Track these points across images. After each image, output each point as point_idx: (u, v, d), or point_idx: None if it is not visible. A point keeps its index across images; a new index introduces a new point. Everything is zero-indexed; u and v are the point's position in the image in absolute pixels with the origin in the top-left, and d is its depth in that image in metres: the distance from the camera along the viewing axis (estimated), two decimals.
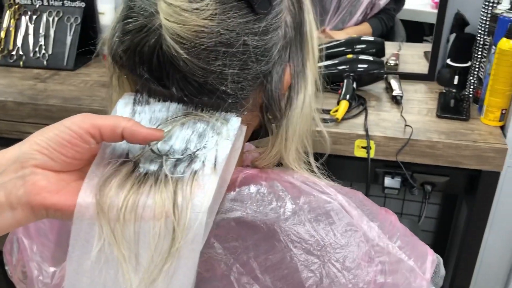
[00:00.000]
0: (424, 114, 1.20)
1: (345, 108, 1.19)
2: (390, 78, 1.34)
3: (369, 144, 1.12)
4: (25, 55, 1.45)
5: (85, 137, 0.42)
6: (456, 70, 1.26)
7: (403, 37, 1.92)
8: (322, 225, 0.52)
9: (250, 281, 0.52)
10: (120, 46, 0.47)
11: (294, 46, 0.52)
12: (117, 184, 0.43)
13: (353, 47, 1.44)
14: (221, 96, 0.47)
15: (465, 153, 1.07)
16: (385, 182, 1.19)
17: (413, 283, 0.56)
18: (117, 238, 0.42)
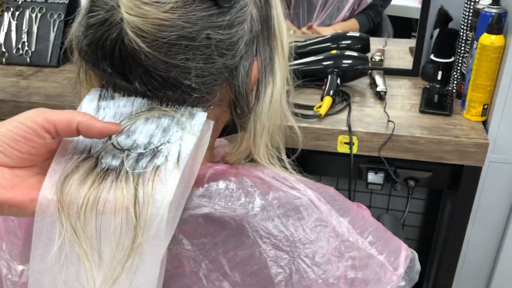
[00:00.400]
0: (407, 109, 1.20)
1: (328, 104, 1.19)
2: (374, 73, 1.34)
3: (351, 140, 1.12)
4: (7, 52, 1.44)
5: (40, 132, 0.42)
6: (439, 66, 1.26)
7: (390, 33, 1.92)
8: (291, 220, 0.52)
9: (219, 277, 0.52)
10: (84, 40, 0.47)
11: (261, 40, 0.52)
12: (78, 181, 0.43)
13: (338, 43, 1.44)
14: (185, 91, 0.46)
15: (447, 148, 1.08)
16: (369, 178, 1.19)
17: (383, 278, 0.56)
18: (78, 235, 0.42)
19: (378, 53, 1.46)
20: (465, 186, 1.12)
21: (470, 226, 1.24)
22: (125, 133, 0.46)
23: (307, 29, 1.93)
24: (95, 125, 0.43)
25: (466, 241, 1.27)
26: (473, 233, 1.26)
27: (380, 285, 0.56)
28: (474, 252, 1.29)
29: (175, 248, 0.51)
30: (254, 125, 0.54)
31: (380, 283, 0.56)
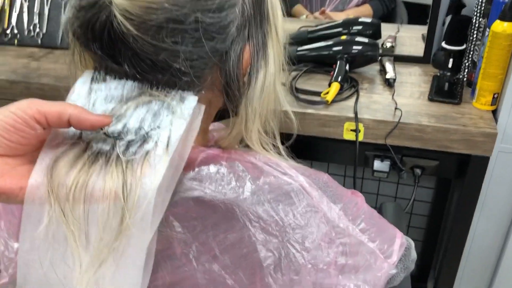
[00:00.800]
0: (416, 97, 1.19)
1: (336, 90, 1.18)
2: (384, 60, 1.32)
3: (357, 127, 1.11)
4: (19, 34, 1.45)
5: (30, 123, 0.42)
6: (450, 53, 1.24)
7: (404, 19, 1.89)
8: (281, 205, 0.52)
9: (209, 259, 0.52)
10: (75, 22, 0.47)
11: (254, 24, 0.51)
12: (68, 164, 0.43)
13: (349, 28, 1.42)
14: (175, 74, 0.47)
15: (454, 137, 1.06)
16: (374, 165, 1.18)
17: (373, 265, 0.56)
18: (66, 217, 0.42)
19: (390, 40, 1.44)
20: (472, 176, 1.11)
21: (476, 216, 1.23)
22: (116, 118, 0.46)
23: (320, 14, 1.91)
24: (86, 118, 0.43)
25: (472, 231, 1.26)
26: (480, 223, 1.25)
27: (370, 272, 0.56)
28: (480, 242, 1.28)
29: (166, 230, 0.51)
30: (245, 110, 0.54)
31: (371, 270, 0.56)
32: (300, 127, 1.15)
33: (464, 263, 1.32)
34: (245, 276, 0.52)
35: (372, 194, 1.63)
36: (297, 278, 0.52)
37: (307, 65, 1.32)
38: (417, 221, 1.64)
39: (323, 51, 1.31)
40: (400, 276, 0.65)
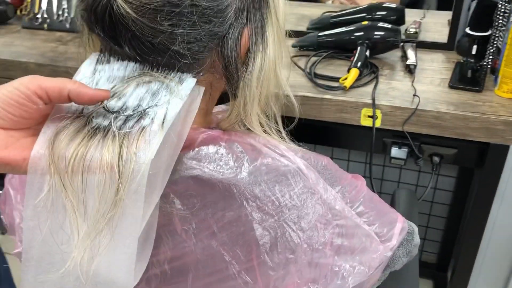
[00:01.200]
0: (436, 84, 1.17)
1: (354, 76, 1.17)
2: (407, 46, 1.31)
3: (374, 113, 1.10)
4: (49, 18, 1.50)
5: (32, 97, 0.45)
6: (474, 39, 1.21)
7: (434, 5, 1.85)
8: (278, 186, 0.54)
9: (208, 236, 0.54)
10: (80, 5, 0.49)
11: (252, 8, 0.52)
12: (68, 137, 0.46)
13: (372, 13, 1.41)
14: (174, 56, 0.48)
15: (473, 125, 1.05)
16: (392, 152, 1.18)
17: (369, 247, 0.57)
18: (66, 187, 0.45)
19: (414, 25, 1.42)
20: (490, 165, 1.09)
21: (496, 207, 1.21)
22: (116, 96, 0.48)
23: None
24: (85, 92, 0.45)
25: (491, 221, 1.24)
26: (500, 213, 1.23)
27: (365, 254, 0.57)
28: (500, 232, 1.26)
29: (167, 206, 0.54)
30: (243, 93, 0.55)
31: (366, 252, 0.57)
32: (318, 112, 1.16)
33: (484, 253, 1.30)
34: (242, 253, 0.54)
35: (393, 182, 1.63)
36: (293, 257, 0.54)
37: (327, 50, 1.32)
38: (439, 209, 1.63)
39: (344, 37, 1.31)
40: (402, 260, 0.66)
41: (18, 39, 1.47)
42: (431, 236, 1.69)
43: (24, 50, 1.39)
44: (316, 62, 1.27)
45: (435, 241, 1.70)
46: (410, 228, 0.66)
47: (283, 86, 0.61)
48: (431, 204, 1.62)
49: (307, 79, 1.21)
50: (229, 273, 0.54)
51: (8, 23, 1.59)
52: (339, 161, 1.65)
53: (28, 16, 1.51)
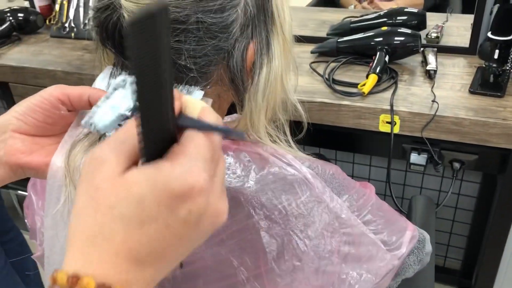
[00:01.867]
0: (456, 89, 1.16)
1: (373, 82, 1.17)
2: (428, 51, 1.30)
3: (393, 119, 1.10)
4: (76, 27, 1.55)
5: (55, 103, 0.48)
6: (497, 44, 1.19)
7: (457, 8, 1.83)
8: (284, 195, 0.55)
9: (217, 243, 0.56)
10: (94, 22, 0.52)
11: (257, 23, 0.54)
12: (83, 149, 0.48)
13: (393, 18, 1.40)
14: (181, 70, 0.50)
15: (493, 131, 1.03)
16: (411, 158, 1.17)
17: (375, 256, 0.57)
18: None
19: (435, 30, 1.41)
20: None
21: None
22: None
23: (368, 4, 1.88)
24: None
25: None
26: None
27: (372, 262, 0.57)
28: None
29: None
30: (250, 104, 0.56)
31: (373, 260, 0.57)
32: (336, 118, 1.16)
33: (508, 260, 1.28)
34: (250, 260, 0.55)
35: (415, 187, 1.61)
36: (300, 264, 0.55)
37: (346, 56, 1.32)
38: (463, 215, 1.60)
39: (363, 42, 1.31)
40: (413, 268, 0.66)
41: (46, 48, 1.53)
42: (455, 242, 1.67)
43: (52, 59, 1.44)
44: (335, 68, 1.28)
45: (459, 248, 1.68)
46: (421, 236, 0.66)
47: (290, 97, 0.63)
48: (455, 210, 1.59)
49: (325, 85, 1.21)
50: (238, 279, 0.56)
51: (38, 32, 1.65)
52: (361, 166, 1.65)
53: (56, 25, 1.57)
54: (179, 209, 0.33)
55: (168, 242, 0.34)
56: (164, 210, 0.33)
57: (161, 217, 0.33)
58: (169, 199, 0.32)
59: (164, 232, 0.33)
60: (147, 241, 0.33)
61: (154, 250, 0.33)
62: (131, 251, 0.33)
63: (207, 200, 0.34)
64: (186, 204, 0.33)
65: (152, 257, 0.34)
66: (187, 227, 0.34)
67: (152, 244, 0.33)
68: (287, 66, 0.59)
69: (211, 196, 0.34)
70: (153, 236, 0.33)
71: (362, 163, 1.64)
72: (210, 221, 0.35)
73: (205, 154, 0.34)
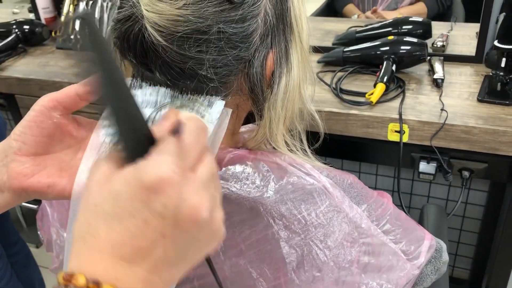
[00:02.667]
0: (464, 98, 1.16)
1: (381, 91, 1.17)
2: (434, 60, 1.30)
3: (401, 128, 1.10)
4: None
5: (46, 113, 0.48)
6: (503, 52, 1.20)
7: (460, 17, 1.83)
8: (304, 205, 0.54)
9: (235, 254, 0.55)
10: (114, 33, 0.52)
11: (277, 33, 0.54)
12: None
13: (399, 28, 1.41)
14: (202, 80, 0.50)
15: (503, 139, 1.03)
16: (420, 167, 1.17)
17: (396, 266, 0.57)
18: None
19: (441, 39, 1.41)
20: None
21: None
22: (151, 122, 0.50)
23: (371, 13, 1.89)
24: None
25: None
26: None
27: (392, 272, 0.57)
28: None
29: None
30: (269, 114, 0.56)
31: (393, 270, 0.57)
32: (344, 128, 1.16)
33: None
34: (269, 271, 0.54)
35: (423, 196, 1.61)
36: (319, 275, 0.54)
37: (353, 66, 1.32)
38: (471, 224, 1.60)
39: (369, 52, 1.31)
40: (430, 277, 0.65)
41: (52, 60, 1.53)
42: (463, 251, 1.66)
43: (58, 70, 1.44)
44: (342, 77, 1.28)
45: (467, 257, 1.67)
46: (438, 246, 0.66)
47: (307, 106, 0.62)
48: (463, 219, 1.59)
49: (333, 94, 1.21)
50: None
51: (43, 44, 1.66)
52: (367, 176, 1.64)
53: (62, 37, 1.57)
54: (152, 203, 0.33)
55: (151, 239, 0.34)
56: (138, 204, 0.33)
57: (137, 212, 0.33)
58: (141, 192, 0.33)
59: (144, 228, 0.34)
60: (128, 237, 0.34)
61: (138, 248, 0.34)
62: (114, 247, 0.34)
63: (180, 193, 0.34)
64: (158, 197, 0.33)
65: (137, 255, 0.34)
66: (165, 223, 0.34)
67: (135, 241, 0.34)
68: (305, 75, 0.59)
69: (185, 189, 0.34)
70: (134, 233, 0.34)
71: (368, 172, 1.64)
72: (188, 217, 0.34)
73: (174, 149, 0.35)
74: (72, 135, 0.51)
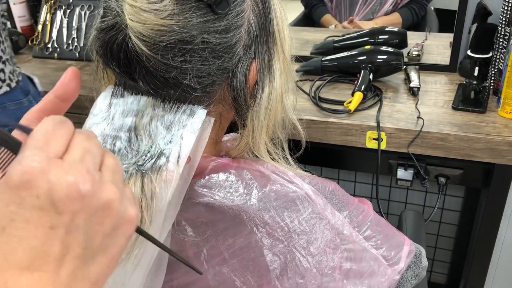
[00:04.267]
0: (440, 106, 1.19)
1: (358, 100, 1.19)
2: (410, 69, 1.33)
3: (379, 136, 1.12)
4: (59, 47, 1.54)
5: (32, 125, 0.47)
6: (476, 61, 1.23)
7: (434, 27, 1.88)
8: (287, 212, 0.55)
9: (219, 262, 0.56)
10: (97, 42, 0.52)
11: (260, 43, 0.55)
12: None
13: (375, 37, 1.44)
14: (186, 90, 0.50)
15: (477, 146, 1.06)
16: (398, 174, 1.19)
17: (377, 271, 0.57)
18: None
19: (416, 48, 1.45)
20: (496, 185, 1.10)
21: (504, 226, 1.21)
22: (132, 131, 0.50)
23: (348, 24, 1.92)
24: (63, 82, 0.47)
25: (500, 240, 1.24)
26: (508, 233, 1.24)
27: (374, 278, 0.58)
28: (509, 251, 1.26)
29: (179, 234, 0.55)
30: (252, 123, 0.57)
31: (374, 275, 0.58)
32: (323, 135, 1.18)
33: (493, 273, 1.30)
34: (252, 279, 0.55)
35: (400, 203, 1.63)
36: (303, 281, 0.55)
37: (331, 75, 1.34)
38: (447, 230, 1.63)
39: (347, 61, 1.33)
40: (410, 282, 0.66)
41: (29, 68, 1.51)
42: (440, 256, 1.69)
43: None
44: (320, 86, 1.30)
45: (444, 262, 1.70)
46: (418, 251, 0.67)
47: (289, 115, 0.63)
48: (439, 224, 1.62)
49: (312, 103, 1.23)
50: None
51: (20, 53, 1.63)
52: (346, 183, 1.66)
53: (39, 45, 1.55)
54: (25, 199, 0.33)
55: (41, 236, 0.33)
56: (14, 207, 0.32)
57: (15, 215, 0.32)
58: (12, 193, 0.32)
59: (28, 227, 0.32)
60: (17, 242, 0.32)
61: (30, 249, 0.32)
62: (7, 257, 0.32)
63: (48, 178, 0.33)
64: (29, 192, 0.33)
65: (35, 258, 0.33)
66: (46, 213, 0.33)
67: (24, 243, 0.32)
68: (287, 85, 0.60)
69: (53, 173, 0.33)
70: (21, 235, 0.32)
71: (347, 179, 1.65)
72: (65, 196, 0.33)
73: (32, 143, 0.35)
74: None
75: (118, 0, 0.48)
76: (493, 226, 1.16)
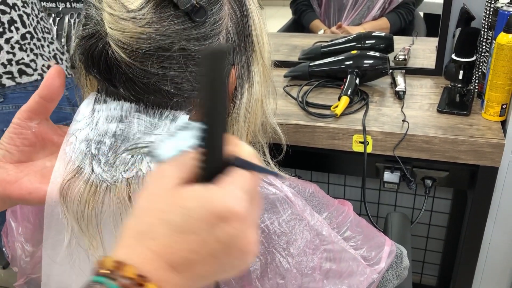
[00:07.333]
0: (425, 109, 1.21)
1: (345, 104, 1.21)
2: (396, 73, 1.35)
3: (365, 139, 1.14)
4: None
5: (23, 124, 0.51)
6: (461, 65, 1.25)
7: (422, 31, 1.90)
8: (267, 214, 0.56)
9: None
10: (78, 49, 0.53)
11: (238, 50, 0.56)
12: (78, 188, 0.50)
13: (362, 42, 1.46)
14: (166, 96, 0.51)
15: (462, 148, 1.08)
16: (384, 177, 1.20)
17: (356, 271, 0.59)
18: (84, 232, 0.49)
19: (403, 52, 1.47)
20: (481, 186, 1.11)
21: (490, 227, 1.23)
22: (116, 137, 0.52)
23: (336, 29, 1.94)
24: (45, 83, 0.51)
25: (487, 242, 1.26)
26: (495, 234, 1.25)
27: (353, 277, 0.59)
28: (496, 251, 1.28)
29: None
30: (232, 128, 0.58)
31: (353, 275, 0.59)
32: (311, 139, 1.19)
33: (481, 273, 1.31)
34: (234, 280, 0.56)
35: (389, 205, 1.65)
36: (283, 282, 0.56)
37: (319, 80, 1.36)
38: (436, 232, 1.64)
39: (334, 66, 1.35)
40: (392, 282, 0.67)
41: None
42: (430, 259, 1.70)
43: None
44: (308, 91, 1.31)
45: (435, 264, 1.71)
46: (399, 251, 0.68)
47: (270, 120, 0.64)
48: (429, 227, 1.63)
49: (299, 107, 1.24)
50: None
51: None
52: (336, 186, 1.67)
53: None
54: (216, 228, 0.36)
55: (202, 257, 0.37)
56: (204, 225, 0.36)
57: (201, 231, 0.36)
58: (211, 216, 0.36)
59: (201, 246, 0.36)
60: (184, 249, 0.36)
61: (189, 260, 0.36)
62: (168, 254, 0.36)
63: (242, 226, 0.37)
64: (223, 225, 0.36)
65: (184, 265, 0.37)
66: (220, 247, 0.37)
67: (188, 254, 0.36)
68: (267, 90, 0.61)
69: (246, 224, 0.37)
70: (190, 247, 0.36)
71: (337, 183, 1.67)
72: (240, 248, 0.37)
73: (247, 186, 0.38)
74: (53, 141, 0.54)
75: (98, 9, 0.50)
76: (479, 227, 1.18)
